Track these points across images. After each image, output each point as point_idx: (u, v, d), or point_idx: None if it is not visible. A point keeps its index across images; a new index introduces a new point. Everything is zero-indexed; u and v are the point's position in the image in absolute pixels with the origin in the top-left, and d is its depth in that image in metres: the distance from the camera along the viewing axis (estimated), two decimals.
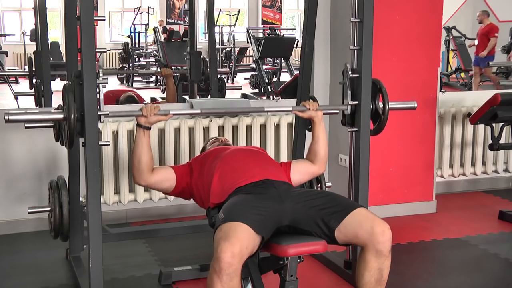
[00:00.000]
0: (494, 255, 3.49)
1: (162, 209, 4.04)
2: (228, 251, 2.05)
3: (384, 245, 2.25)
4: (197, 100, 4.49)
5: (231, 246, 2.06)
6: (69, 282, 3.07)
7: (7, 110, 2.43)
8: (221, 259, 2.04)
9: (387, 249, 2.26)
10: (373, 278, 2.30)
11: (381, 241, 2.24)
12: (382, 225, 2.26)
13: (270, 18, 16.68)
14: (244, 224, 2.16)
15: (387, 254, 2.28)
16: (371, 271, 2.29)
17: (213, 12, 5.64)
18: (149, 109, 2.54)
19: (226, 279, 2.05)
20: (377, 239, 2.24)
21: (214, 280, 2.07)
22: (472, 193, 4.76)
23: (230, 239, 2.09)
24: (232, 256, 2.05)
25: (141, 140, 2.54)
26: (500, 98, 3.77)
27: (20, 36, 11.94)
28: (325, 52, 4.18)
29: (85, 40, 2.31)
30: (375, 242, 2.24)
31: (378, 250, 2.25)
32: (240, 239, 2.10)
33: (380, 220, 2.29)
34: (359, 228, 2.27)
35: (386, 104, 2.83)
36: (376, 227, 2.24)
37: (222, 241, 2.08)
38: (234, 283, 2.08)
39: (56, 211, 2.97)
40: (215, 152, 2.71)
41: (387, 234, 2.25)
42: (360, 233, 2.26)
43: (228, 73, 9.54)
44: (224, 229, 2.16)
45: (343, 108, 2.90)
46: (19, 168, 3.75)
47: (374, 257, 2.27)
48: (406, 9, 3.96)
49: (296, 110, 2.80)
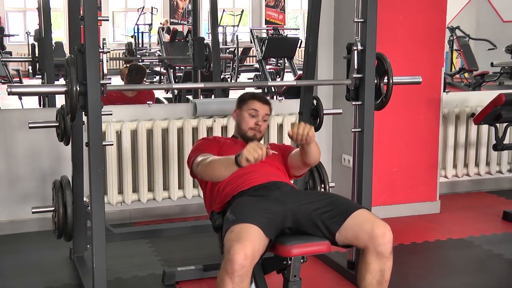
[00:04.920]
0: (498, 255, 3.48)
1: (166, 209, 4.04)
2: (242, 252, 2.06)
3: (385, 247, 2.25)
4: (201, 100, 4.48)
5: (244, 248, 2.07)
6: (73, 282, 3.07)
7: (9, 85, 2.43)
8: (235, 261, 2.05)
9: (388, 250, 2.26)
10: (375, 280, 2.30)
11: (382, 243, 2.24)
12: (382, 227, 2.26)
13: (273, 18, 16.67)
14: (255, 226, 2.17)
15: (388, 256, 2.27)
16: (373, 273, 2.29)
17: (216, 12, 5.64)
18: (258, 155, 2.21)
19: (238, 280, 2.06)
20: (377, 241, 2.23)
21: (226, 281, 2.07)
22: (476, 193, 4.75)
23: (243, 241, 2.09)
24: (245, 258, 2.06)
25: (230, 171, 2.36)
26: (504, 98, 3.76)
27: (24, 36, 11.98)
28: (328, 52, 4.18)
29: (89, 40, 2.31)
30: (375, 244, 2.24)
31: (379, 252, 2.25)
32: (252, 241, 2.11)
33: (380, 222, 2.28)
34: (359, 230, 2.27)
35: (390, 79, 2.84)
36: (377, 229, 2.24)
37: (235, 243, 2.09)
38: (245, 284, 2.09)
39: (60, 211, 2.97)
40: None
41: (388, 236, 2.25)
42: (361, 235, 2.26)
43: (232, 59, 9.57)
44: (236, 230, 2.16)
45: (348, 82, 2.90)
46: (22, 168, 3.76)
47: (375, 259, 2.27)
48: (410, 9, 3.95)
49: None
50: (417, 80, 3.06)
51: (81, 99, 2.36)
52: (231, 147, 2.67)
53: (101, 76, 2.38)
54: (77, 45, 2.36)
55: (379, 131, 3.29)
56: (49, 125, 3.03)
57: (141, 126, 3.79)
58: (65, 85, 2.40)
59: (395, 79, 2.86)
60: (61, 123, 2.92)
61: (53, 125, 2.96)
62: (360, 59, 2.84)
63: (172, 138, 3.86)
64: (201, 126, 3.90)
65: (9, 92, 2.36)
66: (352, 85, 2.90)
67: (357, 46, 2.83)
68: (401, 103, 3.88)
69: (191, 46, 5.54)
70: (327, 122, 4.09)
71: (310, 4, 3.29)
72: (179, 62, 7.90)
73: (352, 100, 2.93)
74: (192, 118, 3.95)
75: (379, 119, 3.17)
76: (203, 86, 4.17)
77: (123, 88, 4.35)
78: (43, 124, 3.17)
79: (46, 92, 2.55)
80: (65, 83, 2.42)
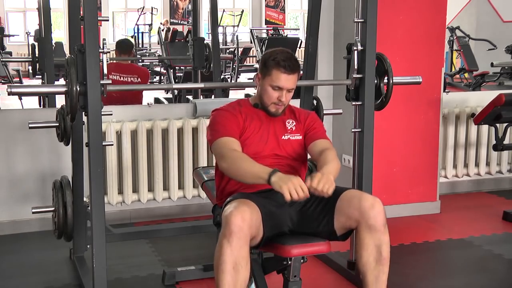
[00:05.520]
0: (498, 255, 3.48)
1: (166, 209, 4.04)
2: (239, 216, 2.06)
3: (376, 219, 2.19)
4: (201, 100, 4.49)
5: (241, 212, 2.07)
6: (73, 282, 3.07)
7: (9, 85, 2.43)
8: (232, 222, 2.04)
9: (380, 222, 2.20)
10: (372, 257, 2.24)
11: (372, 216, 2.18)
12: (370, 199, 2.21)
13: (273, 18, 16.67)
14: (252, 202, 2.17)
15: (382, 229, 2.21)
16: (368, 249, 2.23)
17: (216, 12, 5.64)
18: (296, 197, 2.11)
19: (236, 243, 2.04)
20: (367, 214, 2.19)
21: (224, 246, 2.05)
22: (476, 193, 4.75)
23: (241, 206, 2.10)
24: (243, 220, 2.06)
25: (257, 183, 2.22)
26: (504, 98, 3.76)
27: (24, 37, 11.98)
28: (328, 52, 4.18)
29: (89, 40, 2.32)
30: (366, 218, 2.19)
31: (370, 225, 2.19)
32: (250, 208, 2.11)
33: (368, 195, 2.24)
34: (348, 208, 2.23)
35: (390, 79, 2.83)
36: (364, 202, 2.20)
37: (232, 209, 2.09)
38: (244, 252, 2.07)
39: (60, 211, 2.97)
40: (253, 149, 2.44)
41: (377, 207, 2.20)
42: (350, 211, 2.22)
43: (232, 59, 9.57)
44: (233, 204, 2.16)
45: (348, 82, 2.90)
46: (23, 168, 3.76)
47: (368, 234, 2.21)
48: (410, 9, 3.95)
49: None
50: (417, 80, 3.07)
51: (81, 99, 2.36)
52: (255, 123, 2.47)
53: (101, 76, 2.38)
54: (77, 45, 2.37)
55: (379, 131, 3.29)
56: (49, 125, 3.03)
57: (141, 126, 3.79)
58: (65, 85, 2.40)
59: (395, 79, 2.86)
60: (61, 123, 2.92)
61: (53, 125, 2.96)
62: (360, 59, 2.85)
63: (172, 138, 3.86)
64: (201, 126, 3.90)
65: (9, 92, 2.36)
66: (352, 85, 2.90)
67: (357, 46, 2.83)
68: (401, 103, 3.88)
69: (191, 46, 5.55)
70: (327, 122, 4.08)
71: (310, 4, 3.29)
72: (179, 62, 7.91)
73: (352, 100, 2.93)
74: (192, 118, 3.95)
75: (379, 119, 3.17)
76: (203, 86, 4.18)
77: (124, 88, 4.34)
78: (43, 124, 3.17)
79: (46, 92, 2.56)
80: (65, 83, 2.42)
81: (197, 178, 3.04)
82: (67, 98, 2.40)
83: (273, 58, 2.39)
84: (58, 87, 2.47)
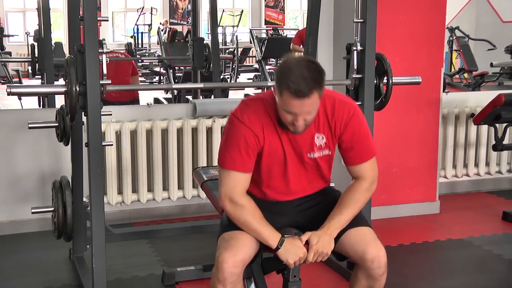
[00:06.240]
0: (497, 256, 3.48)
1: (165, 209, 4.04)
2: (230, 261, 2.05)
3: (375, 271, 2.13)
4: (200, 100, 4.49)
5: (233, 256, 2.06)
6: (72, 282, 3.07)
7: (9, 85, 2.43)
8: (224, 269, 2.04)
9: (379, 274, 2.14)
10: None
11: (372, 268, 2.12)
12: (374, 252, 2.11)
13: (273, 18, 16.67)
14: (246, 233, 2.14)
15: (379, 278, 2.16)
16: (361, 286, 2.20)
17: (216, 13, 5.65)
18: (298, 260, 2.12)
19: (230, 287, 2.07)
20: (368, 265, 2.13)
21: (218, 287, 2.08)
22: (476, 193, 4.75)
23: (232, 248, 2.08)
24: (234, 266, 2.05)
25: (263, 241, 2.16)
26: (504, 98, 3.76)
27: (24, 37, 11.97)
28: (328, 52, 4.17)
29: (89, 41, 2.32)
30: (366, 267, 2.14)
31: (369, 275, 2.15)
32: (243, 247, 2.09)
33: (374, 245, 2.13)
34: (351, 247, 2.16)
35: (389, 79, 2.83)
36: (367, 254, 2.11)
37: (224, 251, 2.08)
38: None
39: (60, 211, 2.97)
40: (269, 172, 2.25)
41: (378, 261, 2.11)
42: (353, 253, 2.17)
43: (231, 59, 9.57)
44: (227, 237, 2.14)
45: (347, 82, 2.90)
46: (22, 168, 3.76)
47: (364, 279, 2.18)
48: (410, 9, 3.95)
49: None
50: (416, 81, 3.07)
51: (81, 99, 2.36)
52: (275, 142, 2.16)
53: (100, 76, 2.39)
54: (77, 45, 2.37)
55: (379, 131, 3.29)
56: (48, 125, 3.03)
57: (141, 127, 3.79)
58: (64, 85, 2.40)
59: (394, 79, 2.86)
60: (61, 123, 2.92)
61: (53, 125, 2.96)
62: (360, 59, 2.85)
63: (171, 139, 3.86)
64: (201, 127, 3.90)
65: (9, 93, 2.36)
66: (351, 86, 2.90)
67: (357, 47, 2.83)
68: (400, 104, 3.88)
69: (190, 47, 5.55)
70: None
71: (309, 4, 3.30)
72: (179, 63, 7.90)
73: None
74: (191, 118, 3.94)
75: (379, 119, 3.17)
76: (203, 87, 4.19)
77: (124, 88, 4.35)
78: (43, 125, 3.17)
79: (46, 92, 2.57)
80: (64, 83, 2.42)
81: (197, 178, 3.04)
82: (67, 98, 2.40)
83: (285, 77, 1.96)
84: (58, 87, 2.48)
